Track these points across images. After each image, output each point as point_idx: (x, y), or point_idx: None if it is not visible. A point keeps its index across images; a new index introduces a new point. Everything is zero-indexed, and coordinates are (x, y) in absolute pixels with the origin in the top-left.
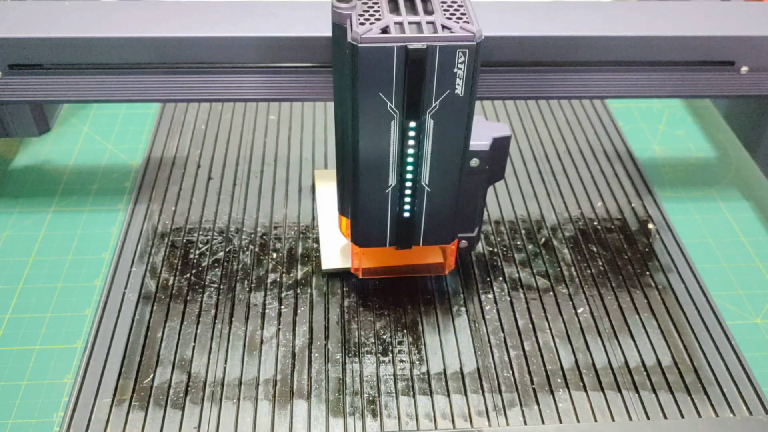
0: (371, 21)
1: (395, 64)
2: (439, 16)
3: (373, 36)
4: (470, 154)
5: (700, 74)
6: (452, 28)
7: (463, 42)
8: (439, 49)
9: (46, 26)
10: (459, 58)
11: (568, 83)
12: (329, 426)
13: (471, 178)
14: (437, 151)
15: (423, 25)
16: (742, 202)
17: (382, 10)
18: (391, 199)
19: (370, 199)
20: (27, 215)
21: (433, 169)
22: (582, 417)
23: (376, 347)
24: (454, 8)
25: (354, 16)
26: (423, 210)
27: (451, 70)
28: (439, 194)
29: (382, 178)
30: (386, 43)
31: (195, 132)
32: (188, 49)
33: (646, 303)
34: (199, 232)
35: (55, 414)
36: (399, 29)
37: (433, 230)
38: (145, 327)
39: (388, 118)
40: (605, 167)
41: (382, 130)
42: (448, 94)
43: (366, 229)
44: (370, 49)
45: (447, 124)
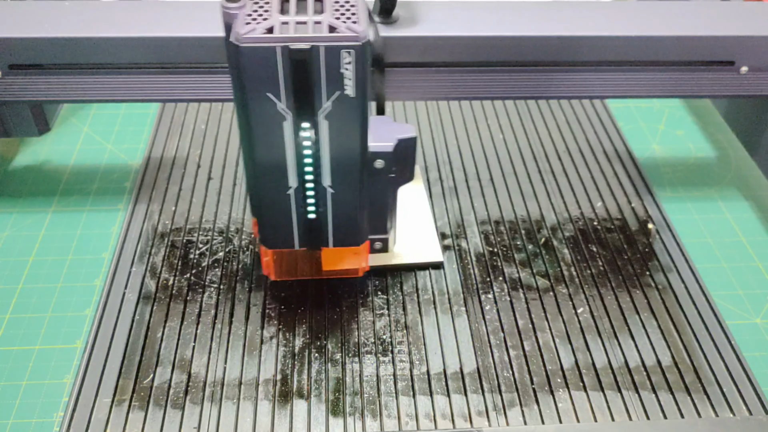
0: (258, 21)
1: (280, 65)
2: (328, 16)
3: (255, 36)
4: (374, 156)
5: (700, 74)
6: (338, 28)
7: (348, 42)
8: (324, 50)
9: (46, 26)
10: (344, 59)
11: (568, 83)
12: (329, 426)
13: (377, 179)
14: (335, 152)
15: (309, 25)
16: (742, 202)
17: (271, 11)
18: (295, 200)
19: (273, 200)
20: (27, 215)
21: (333, 170)
22: (582, 417)
23: (376, 347)
24: (345, 8)
25: (241, 16)
26: (329, 212)
27: (338, 71)
28: (343, 195)
29: (282, 180)
30: (268, 43)
31: (195, 132)
32: (188, 49)
33: (646, 303)
34: (199, 232)
35: (55, 414)
36: (284, 29)
37: (342, 232)
38: (145, 327)
39: (279, 119)
40: (605, 167)
41: (275, 131)
42: (339, 95)
43: (273, 230)
44: (251, 49)
45: (341, 125)
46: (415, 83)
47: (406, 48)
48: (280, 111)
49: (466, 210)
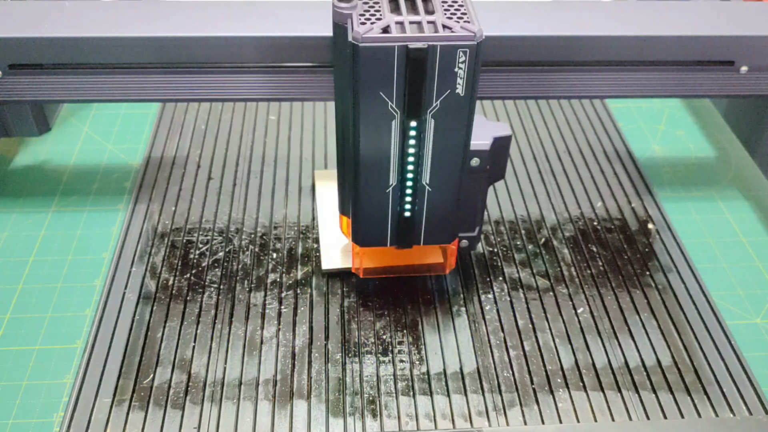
0: (372, 21)
1: (396, 64)
2: (440, 15)
3: (374, 36)
4: (471, 154)
5: (700, 74)
6: (453, 27)
7: (464, 42)
8: (439, 49)
9: (46, 26)
10: (460, 58)
11: (568, 83)
12: (329, 426)
13: (471, 177)
14: (438, 151)
15: (424, 24)
16: (742, 202)
17: (383, 10)
18: (392, 198)
19: (370, 198)
20: (27, 215)
21: (433, 168)
22: (582, 417)
23: (376, 347)
24: (455, 8)
25: (355, 16)
26: (424, 209)
27: (451, 70)
28: (439, 194)
29: (383, 178)
30: (387, 42)
31: (195, 132)
32: (188, 49)
33: (646, 303)
34: (199, 232)
35: (55, 414)
36: (400, 29)
37: (434, 230)
38: (145, 327)
39: (388, 118)
40: (605, 167)
41: (383, 129)
42: (448, 94)
43: (367, 228)
44: (371, 49)
45: (448, 124)
46: None
47: None
48: (390, 110)
49: None
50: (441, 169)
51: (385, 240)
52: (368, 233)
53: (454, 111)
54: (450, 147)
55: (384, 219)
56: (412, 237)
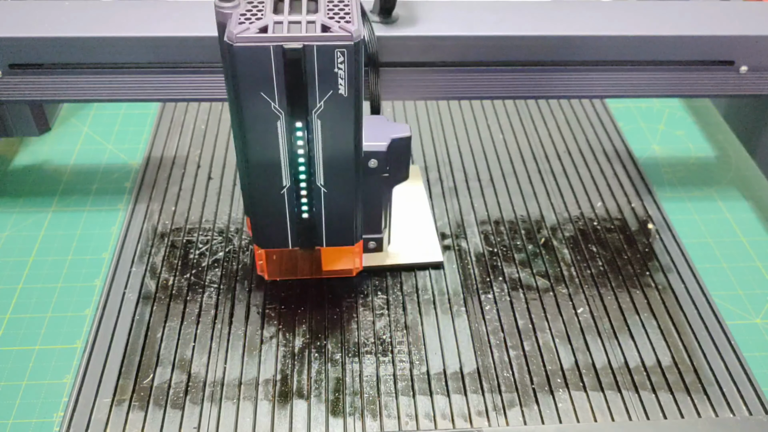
0: (251, 20)
1: (273, 64)
2: (322, 15)
3: (248, 35)
4: (367, 155)
5: (700, 74)
6: (332, 27)
7: (341, 42)
8: (316, 49)
9: (46, 26)
10: (338, 58)
11: (568, 83)
12: (329, 426)
13: (371, 179)
14: (329, 152)
15: (303, 24)
16: (742, 202)
17: (265, 10)
18: (288, 199)
19: (266, 199)
20: (27, 215)
21: (326, 169)
22: (582, 417)
23: (376, 347)
24: (339, 8)
25: (234, 16)
26: (322, 211)
27: (331, 70)
28: (336, 195)
29: (276, 179)
30: (262, 42)
31: (195, 132)
32: (188, 49)
33: (646, 303)
34: (199, 232)
35: (55, 414)
36: (278, 29)
37: (336, 231)
38: (145, 327)
39: (273, 118)
40: (605, 167)
41: (269, 130)
42: (331, 94)
43: (266, 229)
44: (245, 49)
45: (335, 125)
46: (415, 83)
47: (406, 48)
48: (273, 110)
49: (466, 210)
50: (334, 170)
51: (287, 241)
52: (269, 234)
53: (339, 111)
54: (340, 148)
55: (282, 220)
56: (314, 239)
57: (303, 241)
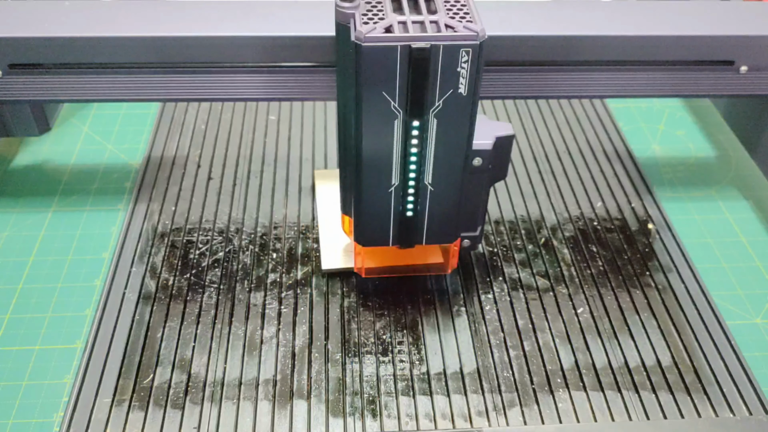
0: (375, 20)
1: (399, 64)
2: (443, 15)
3: (376, 35)
4: (473, 153)
5: (700, 74)
6: (455, 27)
7: (467, 41)
8: (442, 49)
9: (46, 26)
10: (462, 58)
11: (568, 83)
12: (329, 426)
13: (473, 177)
14: (440, 150)
15: (426, 24)
16: (742, 202)
17: (385, 10)
18: (394, 198)
19: (373, 198)
20: (27, 215)
21: (436, 168)
22: (582, 417)
23: (376, 347)
24: (458, 8)
25: (357, 16)
26: (426, 209)
27: (454, 70)
28: (441, 193)
29: (386, 177)
30: (390, 42)
31: (195, 132)
32: (188, 49)
33: (646, 303)
34: (199, 232)
35: (55, 414)
36: (402, 28)
37: (436, 229)
38: (145, 327)
39: (391, 117)
40: (605, 167)
41: (386, 129)
42: (451, 93)
43: (369, 228)
44: (373, 48)
45: (450, 124)
46: None
47: None
48: (392, 109)
49: None
50: (443, 168)
51: (387, 239)
52: (370, 233)
53: (456, 110)
54: (452, 147)
55: (386, 219)
56: (414, 236)
57: (403, 238)
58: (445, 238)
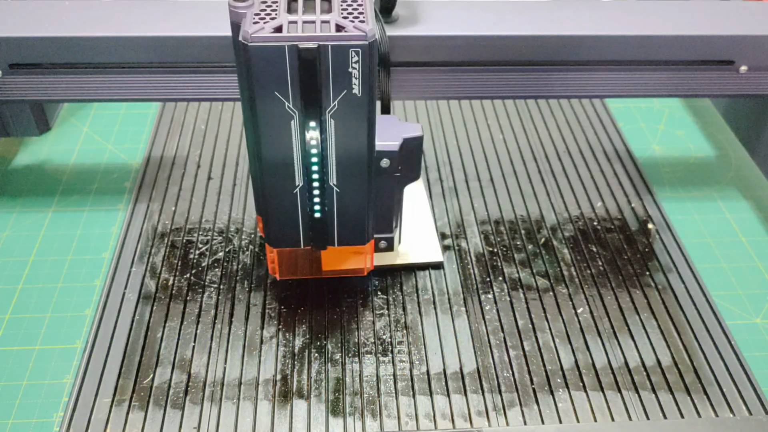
0: (266, 20)
1: (288, 64)
2: (336, 15)
3: (264, 35)
4: (380, 155)
5: (700, 73)
6: (346, 27)
7: (356, 41)
8: (331, 49)
9: (46, 26)
10: (352, 58)
11: (568, 83)
12: (329, 426)
13: (383, 178)
14: (342, 151)
15: (317, 24)
16: (742, 202)
17: (279, 10)
18: (300, 199)
19: (279, 199)
20: (27, 215)
21: (339, 169)
22: (582, 417)
23: (376, 347)
24: (353, 8)
25: (249, 15)
26: (334, 210)
27: (345, 70)
28: (349, 194)
29: (289, 178)
30: (277, 42)
31: (195, 132)
32: (188, 48)
33: (646, 303)
34: (199, 232)
35: (55, 414)
36: (292, 28)
37: (348, 231)
38: (145, 327)
39: (287, 118)
40: (605, 167)
41: (282, 129)
42: (345, 94)
43: (279, 229)
44: (260, 48)
45: (348, 124)
46: (414, 83)
47: (405, 47)
48: (287, 110)
49: (466, 210)
50: (347, 169)
51: (299, 241)
52: (281, 234)
53: (352, 111)
54: (353, 147)
55: (295, 220)
56: (326, 238)
57: (315, 240)
58: (358, 240)
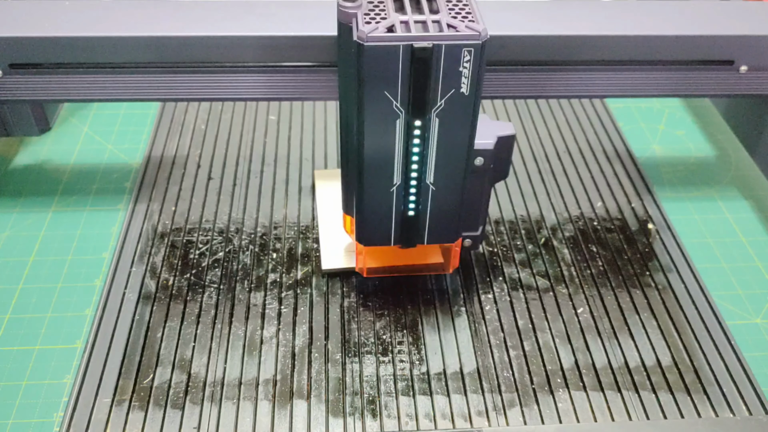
0: (377, 20)
1: (401, 63)
2: (445, 15)
3: (378, 35)
4: (475, 153)
5: (700, 73)
6: (458, 26)
7: (469, 41)
8: (444, 48)
9: (46, 26)
10: (464, 57)
11: (568, 83)
12: (329, 426)
13: (475, 176)
14: (442, 150)
15: (428, 24)
16: (741, 202)
17: (387, 10)
18: (396, 197)
19: (375, 197)
20: (27, 215)
21: (438, 167)
22: (582, 417)
23: (376, 347)
24: (460, 7)
25: (360, 15)
26: (427, 209)
27: (456, 69)
28: (443, 193)
29: (388, 177)
30: (392, 41)
31: (195, 132)
32: (188, 48)
33: (646, 303)
34: (199, 232)
35: (55, 414)
36: (405, 28)
37: (438, 229)
38: (145, 327)
39: (393, 117)
40: (605, 167)
41: (388, 128)
42: (453, 93)
43: (371, 227)
44: (375, 48)
45: (452, 123)
46: None
47: None
48: (394, 109)
49: None
50: (445, 168)
51: (389, 239)
52: (372, 232)
53: (458, 110)
54: (454, 146)
55: (388, 218)
56: (416, 236)
57: (404, 238)
58: (447, 238)
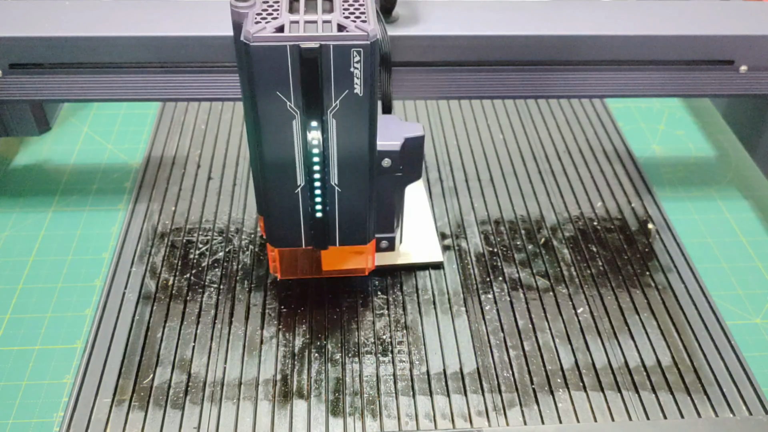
0: (267, 20)
1: (290, 64)
2: (337, 15)
3: (265, 35)
4: (381, 154)
5: (700, 73)
6: (348, 27)
7: (357, 41)
8: (332, 49)
9: (46, 26)
10: (354, 58)
11: (568, 83)
12: (329, 426)
13: (384, 178)
14: (343, 151)
15: (319, 24)
16: (741, 202)
17: (281, 10)
18: (302, 199)
19: (280, 198)
20: (27, 215)
21: (341, 169)
22: (582, 417)
23: (376, 347)
24: (354, 8)
25: (251, 15)
26: (336, 210)
27: (347, 70)
28: (350, 194)
29: (290, 178)
30: (278, 42)
31: (195, 132)
32: (188, 48)
33: (646, 303)
34: (199, 232)
35: (55, 414)
36: (294, 28)
37: (349, 231)
38: (145, 327)
39: (288, 118)
40: (605, 167)
41: (284, 129)
42: (347, 94)
43: (280, 229)
44: (262, 48)
45: (350, 124)
46: (414, 83)
47: (405, 47)
48: (289, 109)
49: (466, 210)
50: (349, 169)
51: (300, 241)
52: (282, 234)
53: (354, 111)
54: (355, 147)
55: (296, 220)
56: (327, 238)
57: (316, 240)
58: (359, 240)
